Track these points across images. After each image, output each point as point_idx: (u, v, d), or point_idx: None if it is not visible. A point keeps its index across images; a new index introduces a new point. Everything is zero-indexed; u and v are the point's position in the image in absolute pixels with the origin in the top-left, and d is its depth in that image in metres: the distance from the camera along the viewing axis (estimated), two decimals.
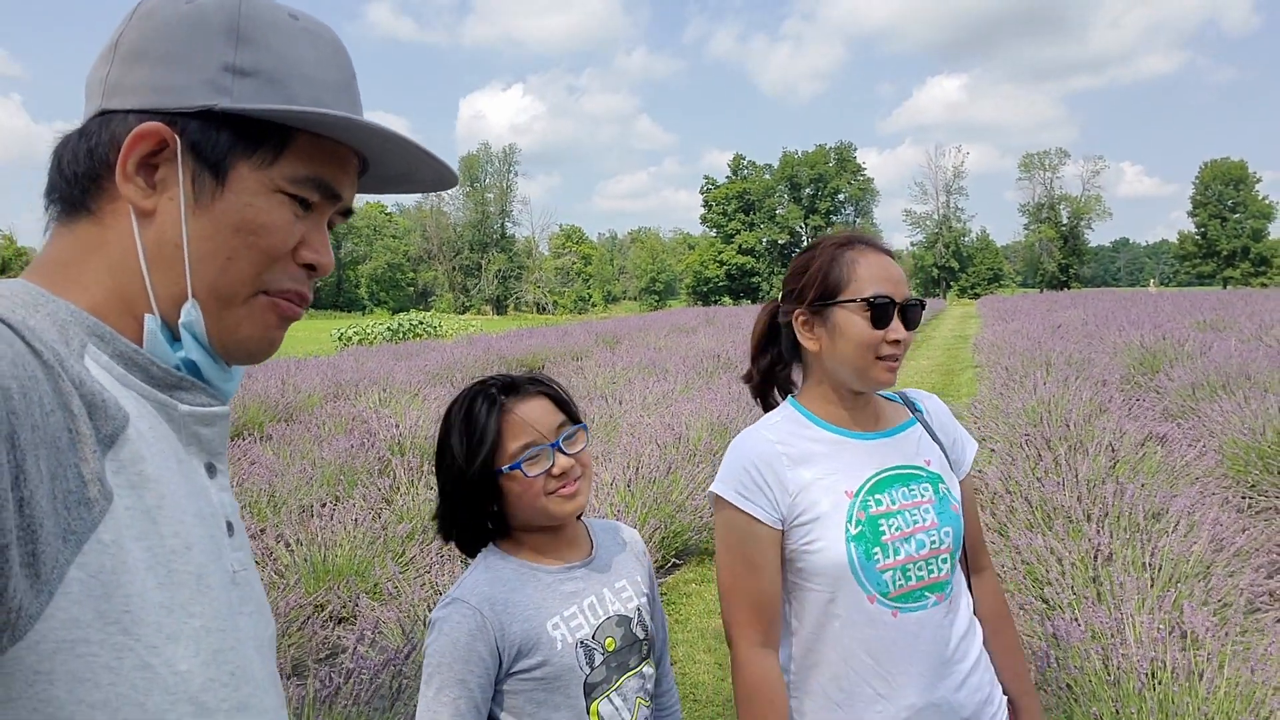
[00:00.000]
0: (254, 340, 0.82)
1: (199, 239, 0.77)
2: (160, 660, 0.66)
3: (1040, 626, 3.45)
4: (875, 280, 1.58)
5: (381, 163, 0.89)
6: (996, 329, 19.91)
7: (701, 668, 4.28)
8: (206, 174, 0.77)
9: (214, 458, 0.82)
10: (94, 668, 0.62)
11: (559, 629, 1.48)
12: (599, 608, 1.55)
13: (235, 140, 0.77)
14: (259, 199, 0.78)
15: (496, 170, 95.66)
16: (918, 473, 1.65)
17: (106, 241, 0.77)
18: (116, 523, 0.64)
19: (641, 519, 5.32)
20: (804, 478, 1.59)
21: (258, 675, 0.78)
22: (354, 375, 13.08)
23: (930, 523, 1.60)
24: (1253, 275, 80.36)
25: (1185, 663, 2.92)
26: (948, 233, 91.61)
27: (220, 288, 0.78)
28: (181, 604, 0.69)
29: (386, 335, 30.14)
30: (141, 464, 0.68)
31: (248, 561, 0.83)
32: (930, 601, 1.58)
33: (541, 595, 1.50)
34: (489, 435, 1.48)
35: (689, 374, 12.09)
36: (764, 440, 1.63)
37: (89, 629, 0.61)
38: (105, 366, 0.73)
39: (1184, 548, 3.94)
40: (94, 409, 0.65)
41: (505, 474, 1.48)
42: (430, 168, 0.89)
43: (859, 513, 1.56)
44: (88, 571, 0.61)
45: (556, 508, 1.51)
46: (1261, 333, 12.84)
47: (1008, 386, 9.48)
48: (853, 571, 1.54)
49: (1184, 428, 7.09)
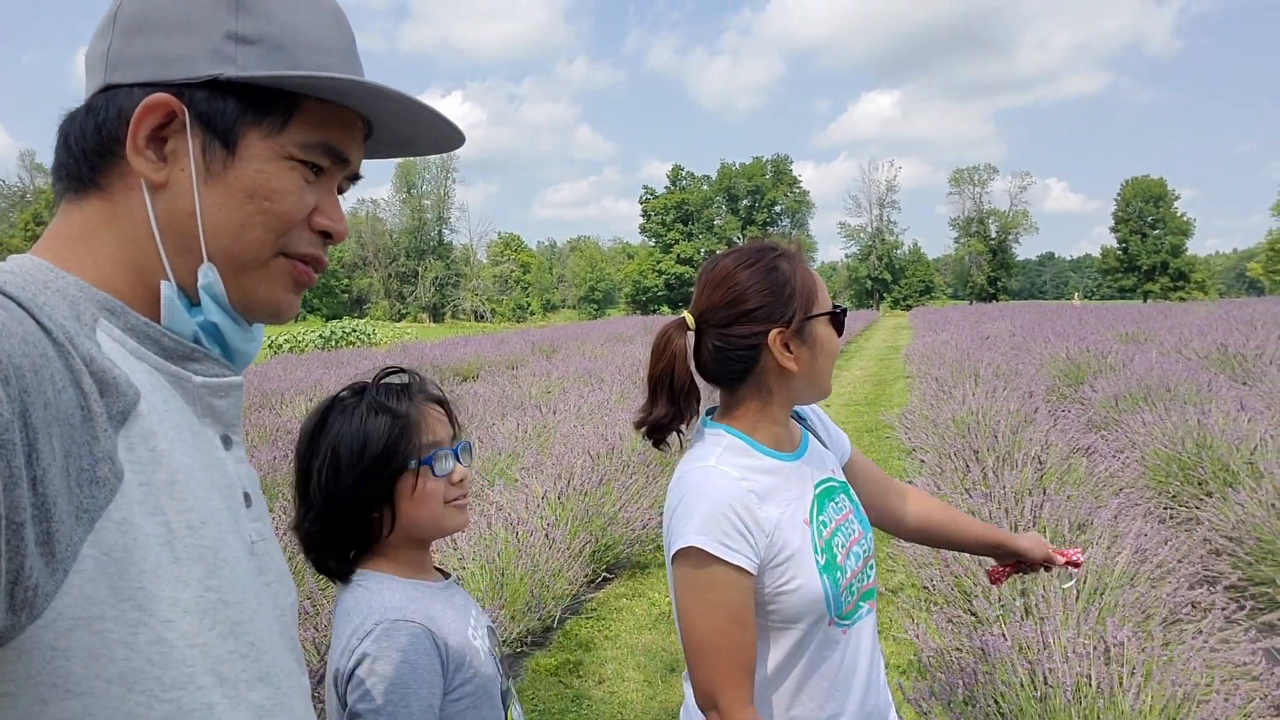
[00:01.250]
0: (272, 301, 0.83)
1: (212, 208, 0.77)
2: (176, 634, 0.66)
3: (968, 640, 3.43)
4: (827, 291, 1.54)
5: (387, 126, 0.88)
6: (927, 340, 20.21)
7: (631, 685, 4.20)
8: (216, 143, 0.77)
9: (229, 429, 0.82)
10: (109, 643, 0.62)
11: (477, 638, 1.40)
12: (481, 619, 1.48)
13: (243, 108, 0.77)
14: (270, 165, 0.79)
15: (434, 177, 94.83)
16: (835, 485, 1.60)
17: (117, 215, 0.77)
18: (128, 500, 0.64)
19: (572, 532, 5.22)
20: (773, 515, 1.45)
21: (278, 645, 0.79)
22: (281, 384, 12.74)
23: (859, 533, 1.56)
24: (1171, 289, 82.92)
25: (1109, 677, 2.92)
26: (881, 245, 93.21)
27: (236, 254, 0.78)
28: (198, 578, 0.69)
29: (318, 343, 29.59)
30: (153, 440, 0.68)
31: (266, 532, 0.84)
32: (864, 610, 1.55)
33: (450, 608, 1.40)
34: (408, 427, 1.37)
35: (625, 383, 12.01)
36: (729, 479, 1.44)
37: (104, 605, 0.62)
38: (118, 340, 0.73)
39: (1108, 560, 3.97)
40: (105, 386, 0.65)
41: (411, 470, 1.37)
42: (436, 129, 0.88)
43: (820, 541, 1.48)
44: (101, 549, 0.62)
45: (452, 520, 1.43)
46: (1181, 345, 13.19)
47: (938, 397, 9.58)
48: (827, 602, 1.45)
49: (1108, 439, 7.21)
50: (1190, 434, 6.34)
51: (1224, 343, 12.30)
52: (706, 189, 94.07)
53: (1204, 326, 15.98)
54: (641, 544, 5.91)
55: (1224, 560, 4.82)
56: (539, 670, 4.35)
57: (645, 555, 5.95)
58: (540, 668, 4.37)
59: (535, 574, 4.65)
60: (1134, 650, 3.06)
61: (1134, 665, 2.98)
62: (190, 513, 0.70)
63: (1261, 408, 7.26)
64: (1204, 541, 4.96)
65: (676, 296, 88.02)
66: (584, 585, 5.31)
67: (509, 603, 4.44)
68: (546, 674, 4.31)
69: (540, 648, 4.65)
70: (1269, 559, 4.63)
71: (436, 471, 1.39)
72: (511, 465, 6.94)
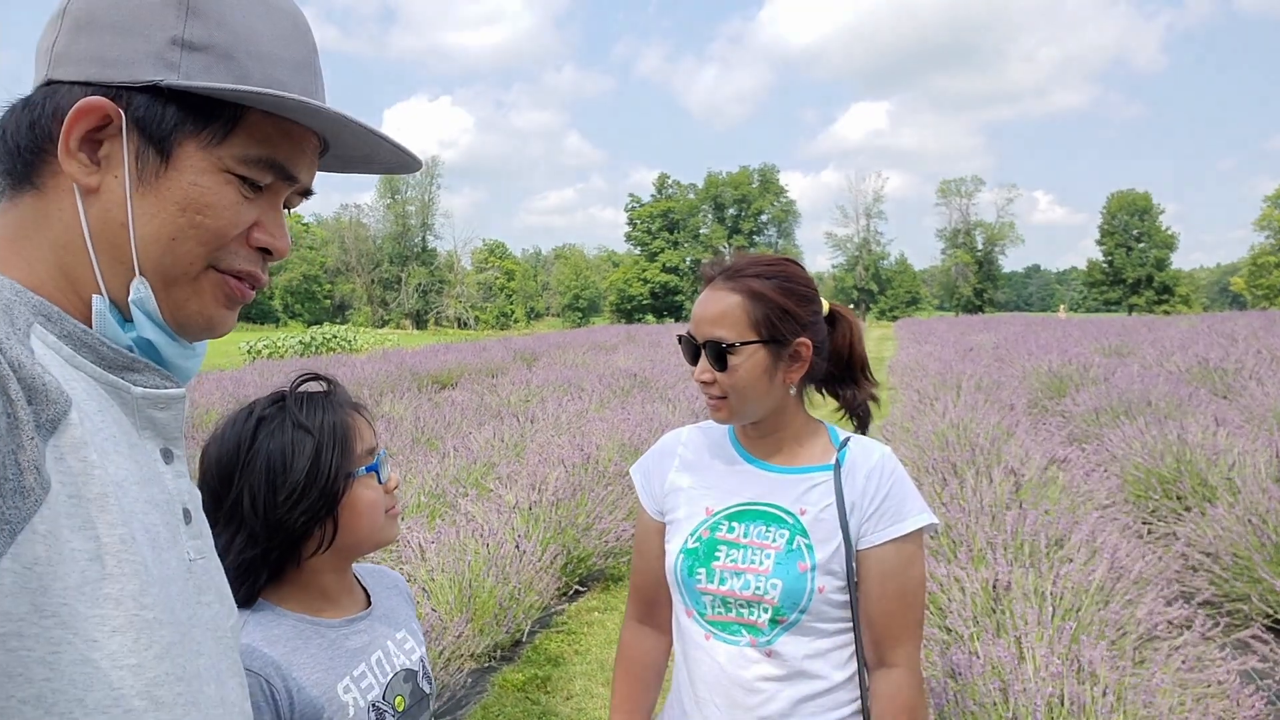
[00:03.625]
0: (204, 316, 0.80)
1: (144, 218, 0.74)
2: (103, 654, 0.63)
3: (940, 658, 3.37)
4: (693, 316, 1.61)
5: (340, 144, 0.85)
6: (912, 351, 20.22)
7: (599, 702, 4.11)
8: (151, 151, 0.74)
9: (170, 443, 0.79)
10: (27, 662, 0.59)
11: (350, 692, 1.29)
12: (385, 663, 1.37)
13: (182, 117, 0.75)
14: (205, 178, 0.76)
15: (419, 182, 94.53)
16: (783, 517, 1.54)
17: (49, 216, 0.74)
18: (54, 512, 0.61)
19: (543, 543, 5.14)
20: (679, 483, 1.65)
21: (218, 668, 0.76)
22: (256, 390, 12.59)
23: (764, 569, 1.50)
24: (1156, 302, 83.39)
25: (1081, 696, 2.86)
26: (867, 256, 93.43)
27: (166, 267, 0.76)
28: (131, 595, 0.65)
29: (298, 349, 29.38)
30: (85, 450, 0.65)
31: (205, 550, 0.81)
32: (743, 641, 1.52)
33: (328, 654, 1.30)
34: (341, 434, 1.29)
35: (604, 392, 11.95)
36: (675, 437, 1.73)
37: (22, 622, 0.59)
38: (53, 347, 0.70)
39: (1084, 576, 3.92)
40: (34, 393, 0.62)
41: (355, 479, 1.30)
42: (390, 152, 0.86)
43: (704, 531, 1.57)
44: (22, 563, 0.59)
45: (388, 530, 1.37)
46: (1163, 359, 13.22)
47: (919, 409, 9.54)
48: (675, 581, 1.59)
49: (1088, 452, 7.19)
50: (1170, 449, 6.32)
51: (1205, 357, 12.34)
52: (693, 197, 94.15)
53: (1186, 340, 16.04)
54: (615, 556, 5.83)
55: (1200, 576, 4.79)
56: (506, 686, 4.26)
57: (619, 568, 5.86)
58: (508, 683, 4.28)
59: (505, 586, 4.56)
60: (1107, 669, 3.00)
61: (1106, 684, 2.92)
62: (123, 527, 0.66)
63: (1240, 422, 7.25)
64: (1181, 557, 4.92)
65: (661, 305, 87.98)
66: (555, 598, 5.23)
67: (477, 615, 4.36)
68: (514, 689, 4.23)
69: (508, 662, 4.56)
70: (1244, 575, 4.60)
71: (381, 478, 1.34)
72: (486, 475, 6.86)
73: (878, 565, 1.51)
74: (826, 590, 1.49)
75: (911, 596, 1.53)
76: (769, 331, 1.51)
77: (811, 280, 1.60)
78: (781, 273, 1.55)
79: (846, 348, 1.64)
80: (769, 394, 1.54)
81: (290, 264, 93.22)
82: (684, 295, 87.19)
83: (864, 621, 1.53)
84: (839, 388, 1.66)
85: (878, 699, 1.53)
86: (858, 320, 1.67)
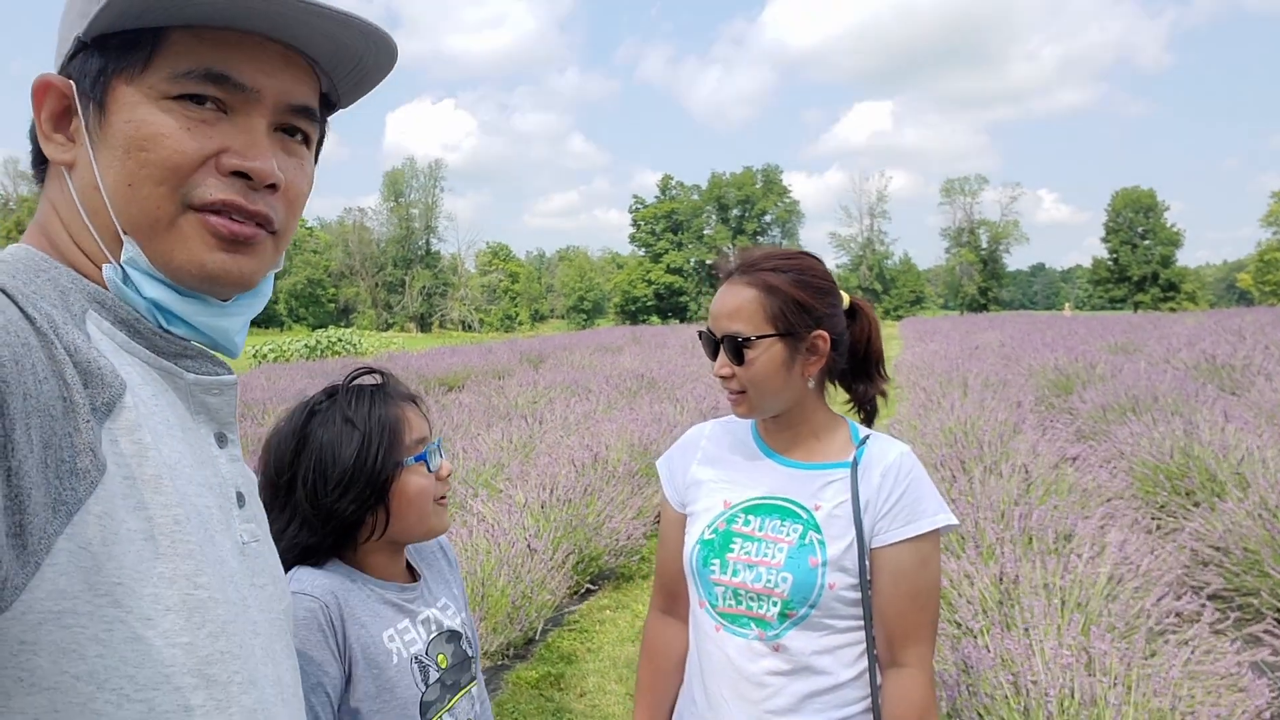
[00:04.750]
0: (195, 263, 0.75)
1: (106, 174, 0.73)
2: (155, 632, 0.64)
3: (951, 653, 3.39)
4: (710, 312, 1.62)
5: (312, 45, 0.79)
6: (917, 350, 20.22)
7: (612, 699, 4.14)
8: (92, 105, 0.74)
9: (224, 427, 0.80)
10: (80, 639, 0.60)
11: (394, 641, 1.35)
12: (431, 623, 1.44)
13: (104, 62, 0.73)
14: (138, 111, 0.73)
15: (422, 185, 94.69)
16: (797, 512, 1.55)
17: (53, 202, 0.77)
18: (110, 493, 0.63)
19: (555, 542, 5.17)
20: (700, 476, 1.67)
21: (272, 649, 0.77)
22: (264, 394, 12.66)
23: (776, 562, 1.52)
24: (1162, 300, 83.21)
25: (1093, 690, 2.88)
26: (871, 255, 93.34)
27: (137, 217, 0.74)
28: (186, 575, 0.67)
29: (304, 353, 29.45)
30: (139, 433, 0.66)
31: (259, 533, 0.82)
32: (751, 635, 1.53)
33: (374, 605, 1.37)
34: (390, 425, 1.35)
35: (612, 394, 11.97)
36: (699, 431, 1.77)
37: (77, 600, 0.60)
38: (108, 333, 0.71)
39: (1092, 570, 3.94)
40: (89, 377, 0.64)
41: (406, 468, 1.36)
42: (358, 35, 0.79)
43: (720, 523, 1.59)
44: (77, 543, 0.60)
45: (438, 520, 1.42)
46: (1169, 355, 13.21)
47: (925, 407, 9.56)
48: (690, 571, 1.62)
49: (1096, 449, 7.20)
50: (1178, 444, 6.33)
51: (1212, 353, 12.31)
52: (697, 198, 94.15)
53: (1193, 337, 16.02)
54: (626, 555, 5.86)
55: (1210, 570, 4.80)
56: (520, 683, 4.29)
57: (630, 566, 5.89)
58: (521, 680, 4.31)
59: (517, 585, 4.59)
60: (1117, 661, 3.02)
61: (1117, 676, 2.94)
62: (176, 508, 0.68)
63: (1249, 418, 7.25)
64: (1190, 552, 4.93)
65: (666, 306, 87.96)
66: (567, 597, 5.26)
67: (490, 614, 4.39)
68: (528, 687, 4.26)
69: (522, 660, 4.59)
70: (1255, 569, 4.61)
71: (430, 467, 1.39)
72: (496, 475, 6.89)
73: (891, 564, 1.50)
74: (838, 587, 1.49)
75: (925, 598, 1.52)
76: (785, 325, 1.51)
77: (829, 273, 1.60)
78: (797, 266, 1.55)
79: (864, 342, 1.65)
80: (787, 387, 1.55)
81: (294, 268, 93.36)
82: (688, 296, 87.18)
83: (877, 620, 1.51)
84: (852, 381, 1.68)
85: (888, 699, 1.51)
86: (876, 316, 1.68)
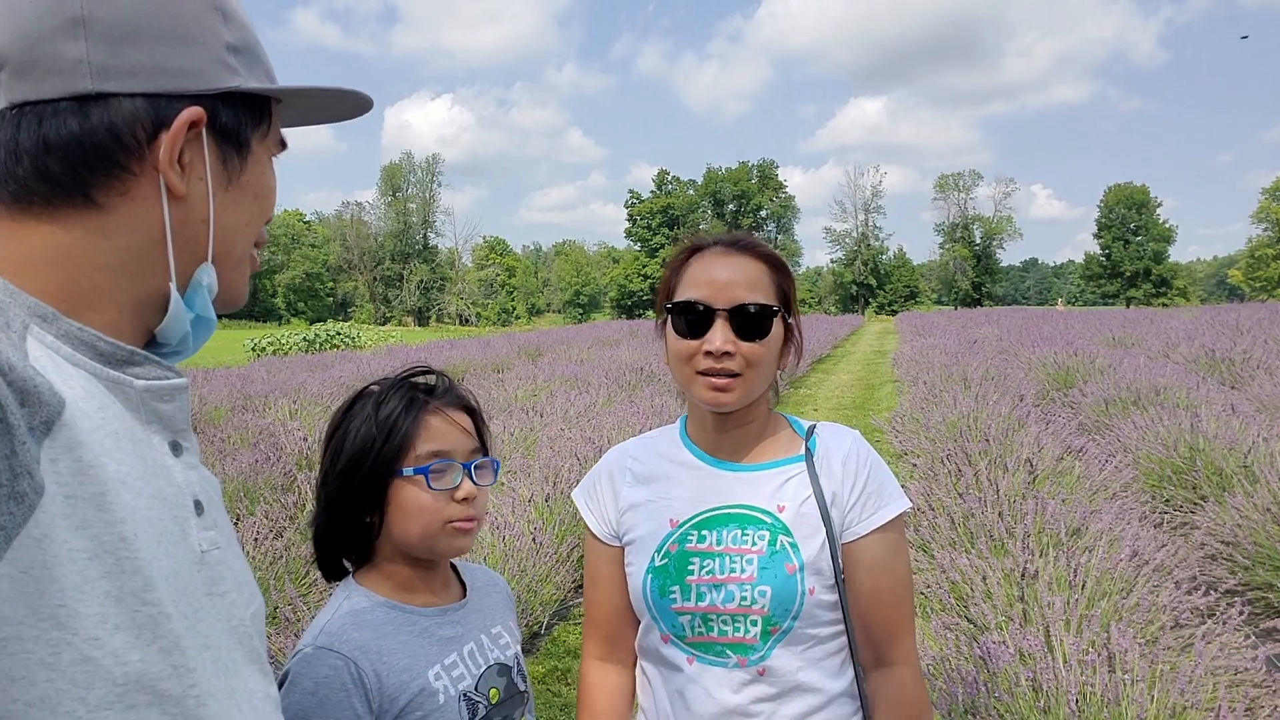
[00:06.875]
0: (239, 290, 0.86)
1: (226, 211, 0.80)
2: (104, 652, 0.63)
3: (968, 648, 3.35)
4: (695, 283, 1.40)
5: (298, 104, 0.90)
6: (915, 344, 20.21)
7: None
8: (232, 151, 0.80)
9: (177, 435, 0.79)
10: (28, 665, 0.59)
11: (441, 679, 1.28)
12: (479, 655, 1.36)
13: (250, 116, 0.81)
14: (264, 166, 0.84)
15: (420, 180, 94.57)
16: (760, 517, 1.41)
17: (108, 231, 0.74)
18: (49, 515, 0.61)
19: (559, 536, 5.12)
20: (635, 497, 1.50)
21: (233, 657, 0.76)
22: (264, 386, 12.60)
23: (747, 576, 1.36)
24: (1154, 295, 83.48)
25: (1114, 686, 2.85)
26: (866, 250, 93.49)
27: (233, 249, 0.82)
28: (134, 592, 0.65)
29: (302, 346, 29.37)
30: (80, 450, 0.65)
31: (221, 540, 0.80)
32: (730, 662, 1.37)
33: (419, 641, 1.30)
34: (399, 430, 1.29)
35: (611, 387, 11.93)
36: (620, 451, 1.59)
37: (21, 626, 0.59)
38: (51, 348, 0.70)
39: (1107, 565, 3.90)
40: (25, 396, 0.62)
41: (404, 478, 1.29)
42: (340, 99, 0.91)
43: (671, 545, 1.42)
44: (18, 568, 0.59)
45: (447, 542, 1.32)
46: (1168, 349, 13.21)
47: (928, 401, 9.53)
48: (646, 605, 1.44)
49: (1099, 442, 7.17)
50: (1183, 438, 6.30)
51: (1211, 347, 12.31)
52: (692, 193, 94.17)
53: (1190, 331, 16.02)
54: None
55: (1220, 565, 4.77)
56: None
57: None
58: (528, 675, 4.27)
59: (522, 579, 4.55)
60: (1138, 658, 2.99)
61: (1137, 673, 2.91)
62: (123, 524, 0.66)
63: (1252, 411, 7.23)
64: (1200, 546, 4.91)
65: None
66: (572, 590, 5.21)
67: None
68: (535, 682, 4.21)
69: (527, 654, 4.55)
70: (1267, 563, 4.58)
71: (433, 484, 1.29)
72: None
73: (866, 558, 1.40)
74: (816, 591, 1.37)
75: (903, 587, 1.43)
76: (785, 306, 1.42)
77: None
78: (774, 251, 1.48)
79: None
80: (772, 374, 1.44)
81: (293, 262, 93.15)
82: None
83: (856, 620, 1.41)
84: None
85: (883, 701, 1.42)
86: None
